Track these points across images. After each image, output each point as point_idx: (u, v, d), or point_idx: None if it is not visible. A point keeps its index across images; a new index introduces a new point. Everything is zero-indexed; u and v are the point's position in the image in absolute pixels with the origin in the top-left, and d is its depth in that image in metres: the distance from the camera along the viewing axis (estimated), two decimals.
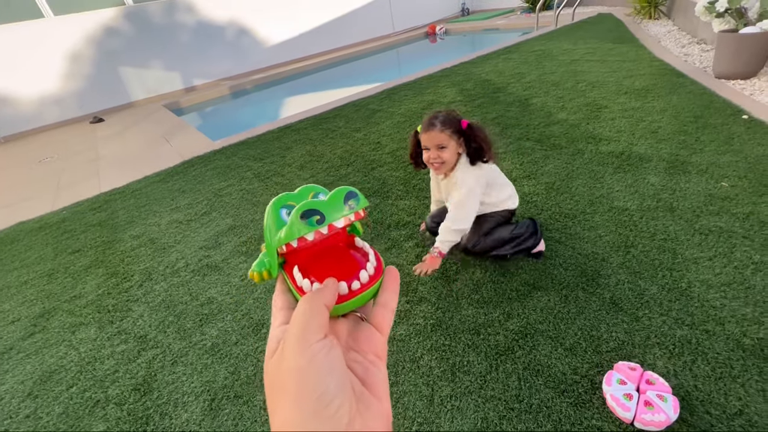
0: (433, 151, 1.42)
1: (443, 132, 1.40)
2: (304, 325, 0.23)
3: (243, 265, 1.98)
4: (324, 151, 3.17)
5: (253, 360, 1.44)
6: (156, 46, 6.83)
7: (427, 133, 1.41)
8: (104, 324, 1.78)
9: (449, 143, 1.41)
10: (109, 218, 2.78)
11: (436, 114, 1.45)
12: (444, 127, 1.40)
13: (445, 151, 1.42)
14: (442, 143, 1.40)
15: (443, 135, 1.40)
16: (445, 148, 1.41)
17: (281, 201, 0.30)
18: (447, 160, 1.42)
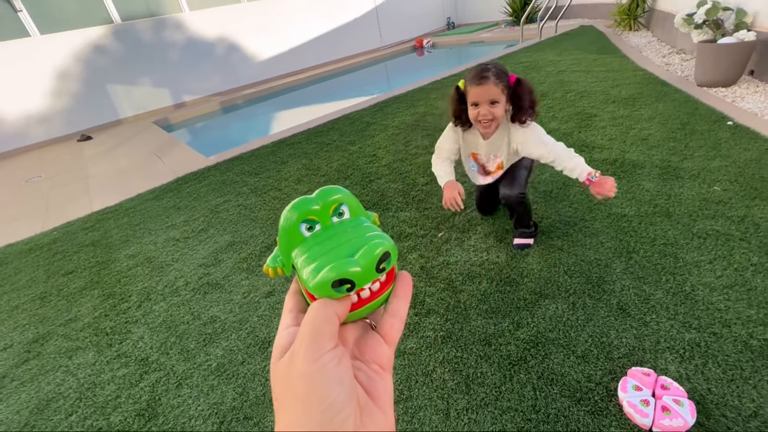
0: (484, 106, 1.33)
1: (497, 86, 1.30)
2: (316, 333, 0.22)
3: (245, 282, 1.95)
4: (320, 165, 3.18)
5: (261, 379, 1.41)
6: (144, 62, 6.81)
7: (480, 87, 1.31)
8: (103, 347, 1.72)
9: (501, 98, 1.33)
10: (102, 238, 2.72)
11: (486, 66, 1.34)
12: (498, 80, 1.30)
13: (498, 107, 1.33)
14: (495, 98, 1.32)
15: (497, 89, 1.30)
16: (498, 103, 1.33)
17: (301, 213, 0.28)
18: (499, 116, 1.36)
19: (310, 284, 0.25)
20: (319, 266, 0.25)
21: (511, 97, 1.39)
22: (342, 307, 0.25)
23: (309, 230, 0.28)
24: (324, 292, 0.24)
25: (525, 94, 1.37)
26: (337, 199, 0.29)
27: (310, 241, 0.28)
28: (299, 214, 0.28)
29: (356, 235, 0.27)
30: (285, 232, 0.28)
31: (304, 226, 0.28)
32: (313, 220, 0.28)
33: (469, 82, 1.35)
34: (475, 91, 1.34)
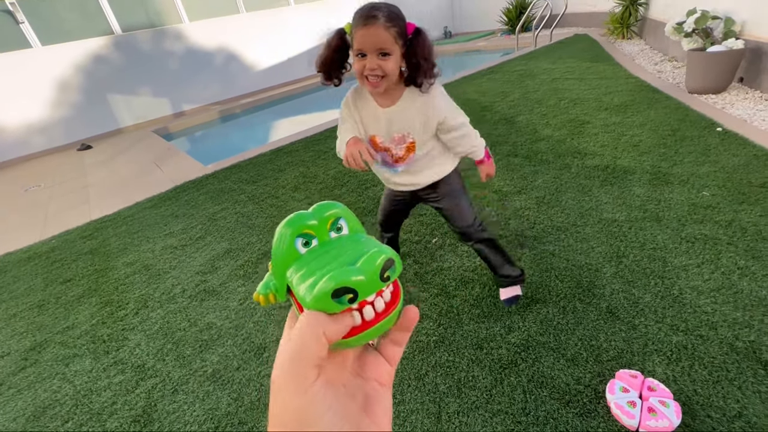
0: (372, 58, 1.02)
1: (389, 30, 1.00)
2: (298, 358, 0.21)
3: (241, 289, 1.97)
4: (317, 173, 3.21)
5: (256, 385, 1.42)
6: (144, 72, 6.89)
7: (366, 29, 1.00)
8: (99, 354, 1.74)
9: (394, 49, 1.03)
10: (100, 246, 2.74)
11: (376, 4, 1.04)
12: (390, 24, 1.00)
13: (389, 60, 1.03)
14: (386, 47, 1.01)
15: (388, 35, 1.00)
16: (389, 55, 1.03)
17: (296, 227, 0.26)
18: (390, 72, 1.04)
19: (308, 299, 0.22)
20: (317, 280, 0.22)
21: (406, 52, 1.07)
22: (334, 325, 0.22)
23: (305, 246, 0.26)
24: (324, 304, 0.22)
25: (424, 47, 1.06)
26: (334, 213, 0.27)
27: (306, 257, 0.25)
28: (294, 229, 0.26)
29: (356, 248, 0.25)
30: (279, 251, 0.26)
31: (300, 241, 0.26)
32: (309, 234, 0.26)
33: (354, 23, 1.03)
34: (360, 34, 1.01)
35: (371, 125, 1.23)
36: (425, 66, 1.07)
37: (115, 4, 6.52)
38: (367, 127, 1.24)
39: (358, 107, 1.23)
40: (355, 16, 1.04)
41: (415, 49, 1.06)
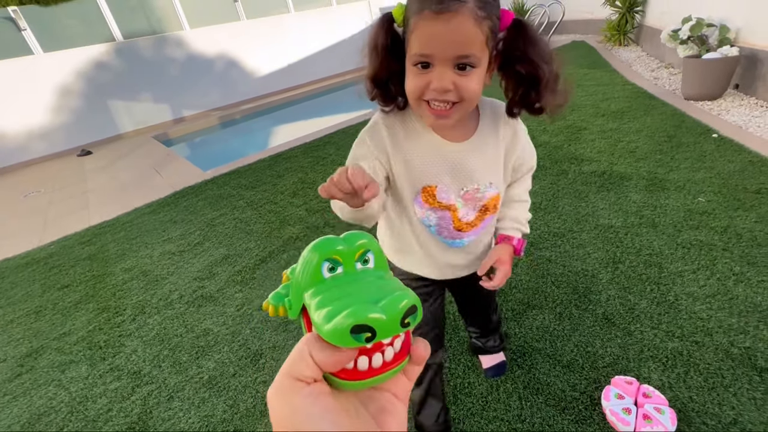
0: (445, 71, 0.60)
1: (479, 24, 0.57)
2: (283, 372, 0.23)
3: (239, 295, 1.97)
4: (316, 178, 3.22)
5: (252, 391, 1.42)
6: (145, 79, 6.94)
7: (438, 20, 0.57)
8: (96, 361, 1.73)
9: (482, 57, 0.60)
10: (99, 252, 2.74)
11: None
12: (482, 12, 0.57)
13: (472, 76, 0.61)
14: (471, 53, 0.59)
15: (478, 32, 0.58)
16: (473, 68, 0.60)
17: (325, 252, 0.25)
18: (471, 97, 0.62)
19: (323, 329, 0.22)
20: (335, 310, 0.22)
21: (504, 53, 0.65)
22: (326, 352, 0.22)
23: (331, 271, 0.26)
24: (340, 339, 0.21)
25: (536, 49, 0.64)
26: (364, 244, 0.27)
27: (329, 282, 0.25)
28: (322, 254, 0.25)
29: (381, 286, 0.24)
30: (304, 272, 0.26)
31: (326, 265, 0.25)
32: (336, 260, 0.26)
33: (418, 6, 0.59)
34: (427, 28, 0.58)
35: (428, 171, 0.74)
36: (546, 77, 0.63)
37: (117, 11, 6.58)
38: (420, 175, 0.74)
39: (399, 145, 0.73)
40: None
41: (522, 52, 0.62)
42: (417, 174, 0.75)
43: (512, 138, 0.78)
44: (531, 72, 0.64)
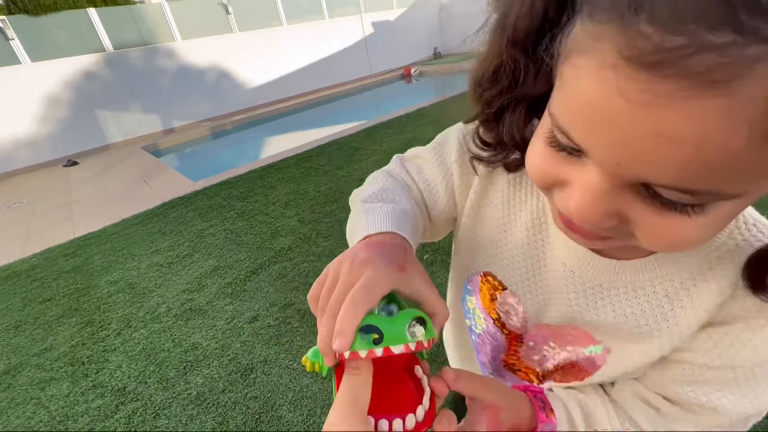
0: (611, 190, 0.22)
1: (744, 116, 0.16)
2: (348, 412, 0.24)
3: (229, 308, 1.92)
4: (308, 189, 3.21)
5: (242, 408, 1.37)
6: (135, 89, 6.89)
7: (644, 78, 0.17)
8: (78, 378, 1.66)
9: (748, 182, 0.19)
10: (83, 264, 2.67)
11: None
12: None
13: (688, 221, 0.21)
14: (710, 182, 0.19)
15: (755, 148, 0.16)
16: (700, 208, 0.20)
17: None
18: (662, 245, 0.24)
19: None
20: None
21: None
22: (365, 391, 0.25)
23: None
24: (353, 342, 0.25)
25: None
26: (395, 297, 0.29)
27: None
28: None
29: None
30: None
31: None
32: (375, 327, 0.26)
33: (610, 22, 0.18)
34: (598, 92, 0.19)
35: (505, 258, 0.42)
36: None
37: (108, 22, 6.57)
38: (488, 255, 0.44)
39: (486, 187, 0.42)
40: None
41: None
42: (481, 255, 0.44)
43: (720, 327, 0.31)
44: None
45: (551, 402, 0.35)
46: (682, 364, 0.32)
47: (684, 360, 0.32)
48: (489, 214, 0.41)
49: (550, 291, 0.38)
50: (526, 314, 0.41)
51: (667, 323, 0.32)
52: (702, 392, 0.31)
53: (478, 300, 0.46)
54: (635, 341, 0.34)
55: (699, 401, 0.31)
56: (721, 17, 0.15)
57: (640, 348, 0.33)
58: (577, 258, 0.35)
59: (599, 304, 0.35)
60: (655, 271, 0.32)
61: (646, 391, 0.35)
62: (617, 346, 0.35)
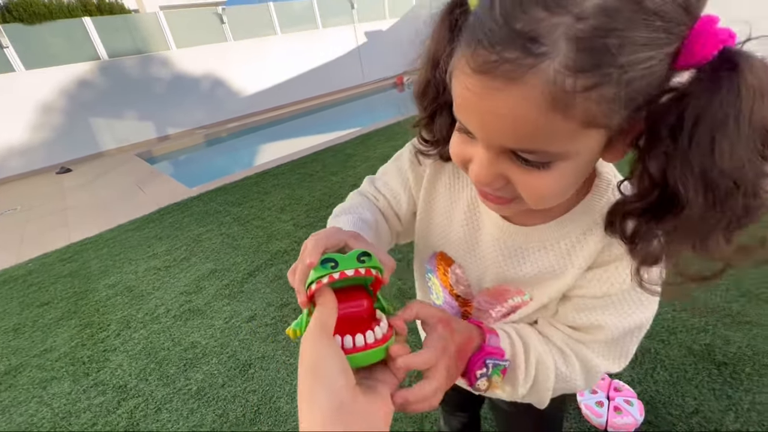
0: (495, 156, 0.32)
1: (570, 99, 0.25)
2: (322, 321, 0.32)
3: (227, 308, 1.98)
4: (303, 195, 3.28)
5: (242, 401, 1.43)
6: (129, 97, 6.94)
7: (481, 84, 0.27)
8: (79, 377, 1.71)
9: (576, 142, 0.29)
10: (80, 268, 2.70)
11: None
12: (588, 68, 0.24)
13: (543, 174, 0.31)
14: (538, 143, 0.29)
15: (563, 113, 0.26)
16: (550, 165, 0.30)
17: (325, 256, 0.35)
18: (537, 198, 0.34)
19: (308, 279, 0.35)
20: None
21: (659, 123, 0.28)
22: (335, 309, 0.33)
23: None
24: (313, 271, 0.33)
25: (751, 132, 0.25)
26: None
27: None
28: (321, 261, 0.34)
29: None
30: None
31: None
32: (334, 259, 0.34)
33: (468, 35, 0.28)
34: (462, 88, 0.30)
35: (451, 237, 0.53)
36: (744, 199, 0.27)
37: (103, 31, 6.63)
38: (438, 226, 0.54)
39: (433, 184, 0.54)
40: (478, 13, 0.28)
41: (710, 136, 0.26)
42: (427, 232, 0.55)
43: (599, 268, 0.42)
44: (713, 181, 0.27)
45: (493, 327, 0.45)
46: (576, 298, 0.44)
47: (577, 295, 0.44)
48: (437, 203, 0.53)
49: (485, 259, 0.50)
50: (470, 281, 0.53)
51: (567, 267, 0.43)
52: (591, 315, 0.42)
53: (437, 276, 0.57)
54: (548, 284, 0.45)
55: (590, 322, 0.42)
56: (513, 44, 0.25)
57: (552, 287, 0.45)
58: (500, 229, 0.47)
59: (521, 262, 0.47)
60: (557, 231, 0.43)
61: (556, 323, 0.47)
62: (537, 292, 0.47)
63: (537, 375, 0.43)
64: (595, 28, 0.23)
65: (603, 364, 0.44)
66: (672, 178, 0.28)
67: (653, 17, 0.24)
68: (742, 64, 0.24)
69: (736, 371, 1.21)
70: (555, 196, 0.34)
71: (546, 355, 0.43)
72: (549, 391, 0.44)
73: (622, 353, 0.44)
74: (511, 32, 0.25)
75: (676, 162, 0.27)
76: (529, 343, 0.44)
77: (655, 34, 0.24)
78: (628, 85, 0.25)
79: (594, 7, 0.23)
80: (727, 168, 0.26)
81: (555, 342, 0.45)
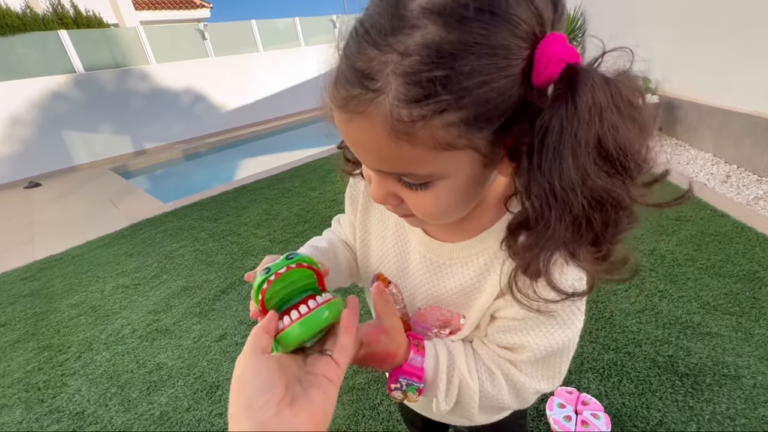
0: (383, 178, 0.35)
1: (415, 127, 0.27)
2: (251, 341, 0.33)
3: (196, 327, 1.92)
4: (280, 210, 3.25)
5: (207, 425, 1.38)
6: (105, 110, 6.79)
7: (342, 113, 0.30)
8: (32, 404, 1.60)
9: (447, 165, 0.31)
10: (43, 287, 2.58)
11: (364, 22, 0.29)
12: (419, 100, 0.26)
13: (426, 193, 0.33)
14: (404, 167, 0.31)
15: (414, 140, 0.28)
16: (429, 185, 0.33)
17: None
18: (430, 215, 0.37)
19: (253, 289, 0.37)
20: None
21: (516, 148, 0.31)
22: (267, 322, 0.35)
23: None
24: (257, 281, 0.36)
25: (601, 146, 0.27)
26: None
27: None
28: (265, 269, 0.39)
29: None
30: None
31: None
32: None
33: (332, 74, 0.32)
34: (335, 118, 0.33)
35: (386, 257, 0.54)
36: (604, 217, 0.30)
37: (79, 44, 6.52)
38: (377, 263, 0.56)
39: (366, 207, 0.56)
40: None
41: (556, 148, 0.27)
42: (366, 253, 0.56)
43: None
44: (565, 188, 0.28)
45: (425, 343, 0.46)
46: (500, 320, 0.45)
47: (501, 316, 0.45)
48: (372, 224, 0.56)
49: (414, 276, 0.51)
50: (404, 301, 0.53)
51: (486, 283, 0.44)
52: (515, 336, 0.43)
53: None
54: (473, 302, 0.46)
55: (514, 342, 0.44)
56: (355, 82, 0.28)
57: (476, 306, 0.46)
58: (425, 245, 0.48)
59: (445, 279, 0.48)
60: (476, 247, 0.44)
61: (487, 342, 0.48)
62: (467, 312, 0.48)
63: (460, 394, 0.45)
64: (419, 62, 0.25)
65: (531, 383, 0.45)
66: (528, 193, 0.29)
67: (479, 47, 0.25)
68: (580, 81, 0.26)
69: (697, 382, 1.24)
70: (444, 213, 0.36)
71: (470, 376, 0.45)
72: (475, 410, 0.45)
73: (552, 372, 0.45)
74: (354, 71, 0.28)
75: (531, 178, 0.29)
76: (455, 365, 0.45)
77: (482, 61, 0.25)
78: (469, 110, 0.26)
79: (417, 45, 0.25)
80: (569, 184, 0.27)
81: (485, 361, 0.46)
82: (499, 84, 0.26)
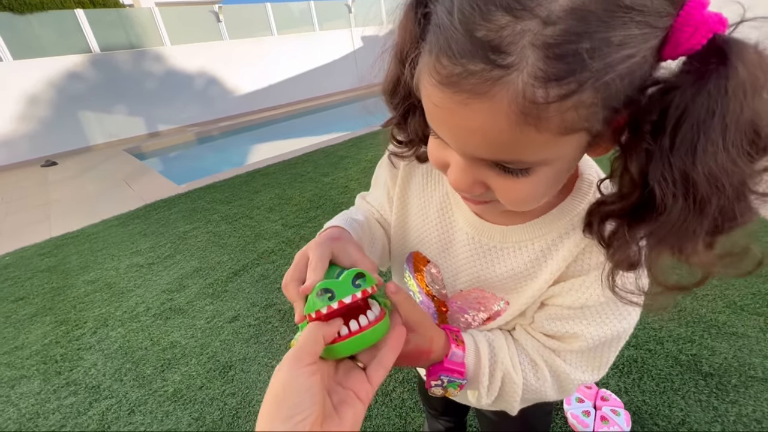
0: (471, 164, 0.31)
1: (542, 113, 0.23)
2: (301, 349, 0.30)
3: (209, 308, 1.93)
4: (293, 195, 3.24)
5: (220, 404, 1.38)
6: (120, 92, 6.83)
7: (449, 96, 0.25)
8: (50, 375, 1.64)
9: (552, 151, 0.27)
10: (60, 263, 2.62)
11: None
12: (563, 75, 0.22)
13: (522, 180, 0.29)
14: (514, 154, 0.27)
15: (538, 126, 0.24)
16: (529, 171, 0.29)
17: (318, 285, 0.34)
18: (517, 202, 0.32)
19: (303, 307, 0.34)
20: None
21: (641, 121, 0.26)
22: (329, 329, 0.32)
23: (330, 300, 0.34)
24: (311, 303, 0.33)
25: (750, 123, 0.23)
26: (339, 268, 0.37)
27: None
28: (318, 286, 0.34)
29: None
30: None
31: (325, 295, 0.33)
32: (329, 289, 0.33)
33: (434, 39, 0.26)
34: (432, 100, 0.27)
35: (427, 236, 0.51)
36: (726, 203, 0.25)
37: (96, 24, 6.54)
38: (414, 236, 0.53)
39: (407, 183, 0.53)
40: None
41: (695, 131, 0.23)
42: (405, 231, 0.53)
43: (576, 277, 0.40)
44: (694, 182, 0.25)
45: (463, 336, 0.43)
46: (552, 307, 0.42)
47: (554, 303, 0.42)
48: (412, 202, 0.52)
49: (459, 258, 0.48)
50: (444, 281, 0.51)
51: (541, 270, 0.42)
52: (567, 324, 0.41)
53: (413, 275, 0.55)
54: (523, 288, 0.43)
55: (565, 330, 0.41)
56: (477, 55, 0.23)
57: (526, 292, 0.43)
58: (474, 227, 0.45)
59: (495, 262, 0.45)
60: (533, 232, 0.41)
61: (532, 331, 0.45)
62: (513, 297, 0.45)
63: (503, 388, 0.43)
64: (565, 32, 0.21)
65: (577, 374, 0.42)
66: (651, 179, 0.26)
67: (630, 13, 0.21)
68: (733, 55, 0.22)
69: (722, 382, 1.20)
70: (534, 200, 0.33)
71: (515, 369, 0.43)
72: (516, 402, 0.43)
73: (600, 363, 0.43)
74: (474, 42, 0.23)
75: (657, 162, 0.25)
76: (497, 358, 0.43)
77: (633, 30, 0.22)
78: (608, 88, 0.23)
79: (563, 10, 0.21)
80: (709, 171, 0.24)
81: (528, 352, 0.44)
82: (639, 57, 0.23)
